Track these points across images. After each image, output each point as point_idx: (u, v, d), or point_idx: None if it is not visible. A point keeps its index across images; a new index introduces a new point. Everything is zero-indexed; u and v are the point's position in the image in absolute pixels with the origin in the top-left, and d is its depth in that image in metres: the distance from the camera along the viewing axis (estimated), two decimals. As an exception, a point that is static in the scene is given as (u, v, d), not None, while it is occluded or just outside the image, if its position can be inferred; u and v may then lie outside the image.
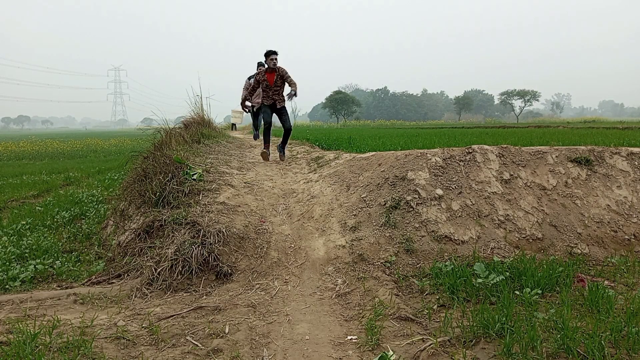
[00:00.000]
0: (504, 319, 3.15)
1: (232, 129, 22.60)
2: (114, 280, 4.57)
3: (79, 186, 11.21)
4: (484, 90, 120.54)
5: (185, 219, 4.94)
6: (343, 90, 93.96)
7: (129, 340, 3.27)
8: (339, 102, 78.65)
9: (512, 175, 5.52)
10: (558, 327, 3.07)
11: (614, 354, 2.75)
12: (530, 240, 4.94)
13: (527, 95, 79.25)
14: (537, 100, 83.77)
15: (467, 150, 5.72)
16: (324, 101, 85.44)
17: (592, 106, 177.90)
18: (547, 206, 5.30)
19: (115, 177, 11.83)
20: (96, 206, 8.12)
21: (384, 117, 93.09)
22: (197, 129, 10.71)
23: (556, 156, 5.81)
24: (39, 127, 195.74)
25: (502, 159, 5.68)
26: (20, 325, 3.38)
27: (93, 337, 3.24)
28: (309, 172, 6.95)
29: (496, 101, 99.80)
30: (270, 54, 7.98)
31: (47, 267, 4.98)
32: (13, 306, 4.05)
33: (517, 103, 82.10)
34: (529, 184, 5.48)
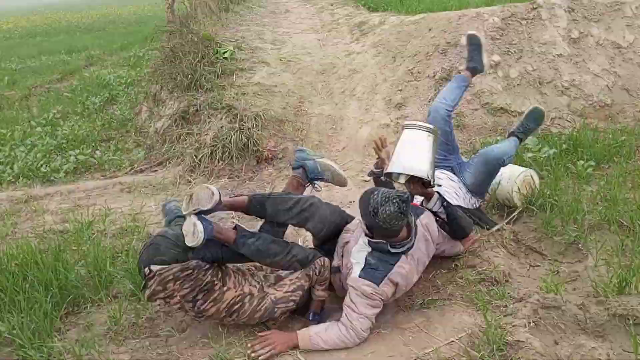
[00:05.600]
0: (548, 193, 3.35)
1: None
2: (156, 168, 5.08)
3: (103, 66, 11.61)
4: None
5: (221, 103, 5.25)
6: None
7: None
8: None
9: (581, 33, 5.37)
10: (605, 199, 3.24)
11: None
12: (597, 108, 4.98)
13: None
14: None
15: (531, 6, 5.52)
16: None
17: None
18: (620, 67, 5.22)
19: (141, 54, 12.08)
20: (126, 89, 8.54)
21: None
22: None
23: (636, 7, 5.51)
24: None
25: (571, 14, 5.48)
26: (73, 215, 3.92)
27: (145, 223, 3.74)
28: (350, 42, 6.94)
29: None
30: None
31: (87, 157, 5.51)
32: (62, 197, 4.66)
33: None
34: (600, 42, 5.34)
